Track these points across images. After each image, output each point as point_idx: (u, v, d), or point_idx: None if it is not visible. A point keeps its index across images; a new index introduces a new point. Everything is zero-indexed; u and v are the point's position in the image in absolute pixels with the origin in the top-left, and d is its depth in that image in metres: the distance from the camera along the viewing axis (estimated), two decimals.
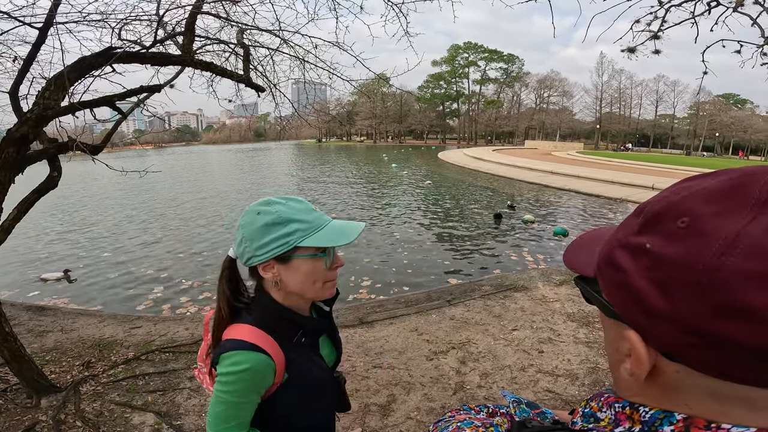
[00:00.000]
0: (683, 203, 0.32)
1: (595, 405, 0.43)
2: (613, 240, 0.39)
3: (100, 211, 13.35)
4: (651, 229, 0.34)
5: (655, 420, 0.36)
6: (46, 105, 2.20)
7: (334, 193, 16.12)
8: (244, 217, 0.92)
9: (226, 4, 2.52)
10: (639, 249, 0.34)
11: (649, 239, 0.34)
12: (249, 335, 0.89)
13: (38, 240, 9.44)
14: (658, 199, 0.35)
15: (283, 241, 0.88)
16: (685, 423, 0.34)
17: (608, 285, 0.38)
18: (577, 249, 0.48)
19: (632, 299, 0.34)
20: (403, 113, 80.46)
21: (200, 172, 28.22)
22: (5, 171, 2.27)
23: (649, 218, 0.35)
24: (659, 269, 0.32)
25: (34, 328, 4.13)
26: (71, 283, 6.61)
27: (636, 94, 69.90)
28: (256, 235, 0.89)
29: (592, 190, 15.42)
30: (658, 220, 0.34)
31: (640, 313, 0.33)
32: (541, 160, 26.66)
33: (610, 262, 0.37)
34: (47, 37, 2.30)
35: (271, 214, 0.89)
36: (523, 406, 0.59)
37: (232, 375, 0.86)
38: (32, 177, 2.75)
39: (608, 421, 0.40)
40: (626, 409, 0.39)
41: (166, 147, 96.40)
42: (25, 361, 2.72)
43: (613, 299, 0.37)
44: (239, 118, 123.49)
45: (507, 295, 4.75)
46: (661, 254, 0.32)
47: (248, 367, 0.86)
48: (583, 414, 0.44)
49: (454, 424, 0.56)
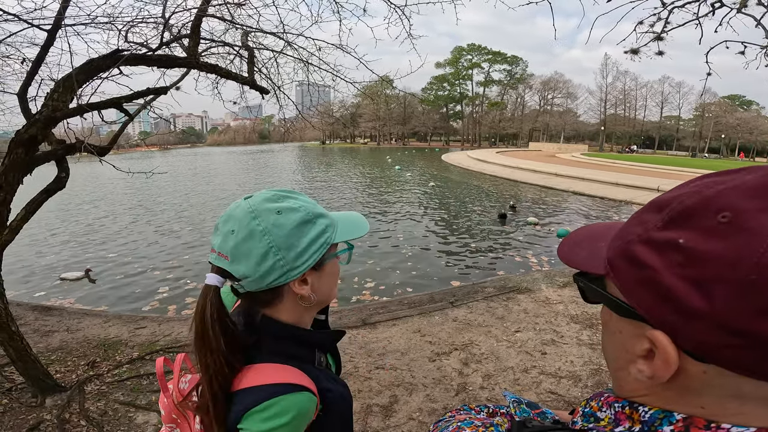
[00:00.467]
0: (721, 198, 0.31)
1: (595, 405, 0.43)
2: (629, 235, 0.37)
3: (107, 212, 13.45)
4: (682, 225, 0.32)
5: (654, 420, 0.36)
6: (54, 107, 2.23)
7: (339, 194, 16.18)
8: (257, 221, 0.67)
9: (231, 7, 2.55)
10: (668, 244, 0.32)
11: (681, 234, 0.32)
12: (278, 375, 0.67)
13: (45, 241, 9.54)
14: (687, 193, 0.34)
15: (322, 241, 0.72)
16: (685, 423, 0.34)
17: (627, 282, 0.36)
18: (573, 244, 0.47)
19: (661, 298, 0.32)
20: (406, 115, 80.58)
21: (206, 174, 28.37)
22: (14, 172, 2.30)
23: (679, 213, 0.33)
24: (695, 266, 0.30)
25: (40, 327, 4.17)
26: (93, 282, 6.69)
27: (641, 95, 69.64)
28: (292, 240, 0.68)
29: (596, 192, 15.37)
30: (690, 215, 0.32)
31: (671, 313, 0.32)
32: (545, 162, 26.59)
33: (630, 258, 0.36)
34: (55, 39, 2.34)
35: (297, 210, 0.70)
36: (523, 406, 0.58)
37: (284, 418, 0.64)
38: (40, 178, 2.79)
39: (608, 420, 0.40)
40: (626, 408, 0.39)
41: (171, 149, 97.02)
42: (30, 361, 2.74)
43: (633, 297, 0.35)
44: (244, 120, 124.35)
45: (510, 297, 4.75)
46: (698, 251, 0.30)
47: (296, 414, 0.65)
48: (583, 414, 0.44)
49: (455, 423, 0.56)
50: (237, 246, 0.66)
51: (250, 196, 0.71)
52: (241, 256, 0.66)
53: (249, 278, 0.67)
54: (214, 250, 0.69)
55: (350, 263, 1.00)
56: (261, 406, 0.64)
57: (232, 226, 0.67)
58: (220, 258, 0.67)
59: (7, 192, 2.33)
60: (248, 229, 0.66)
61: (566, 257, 0.46)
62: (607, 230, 0.45)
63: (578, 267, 0.44)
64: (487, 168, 24.88)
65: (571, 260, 0.45)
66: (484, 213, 12.09)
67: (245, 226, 0.66)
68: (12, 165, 2.29)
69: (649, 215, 0.36)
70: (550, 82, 73.54)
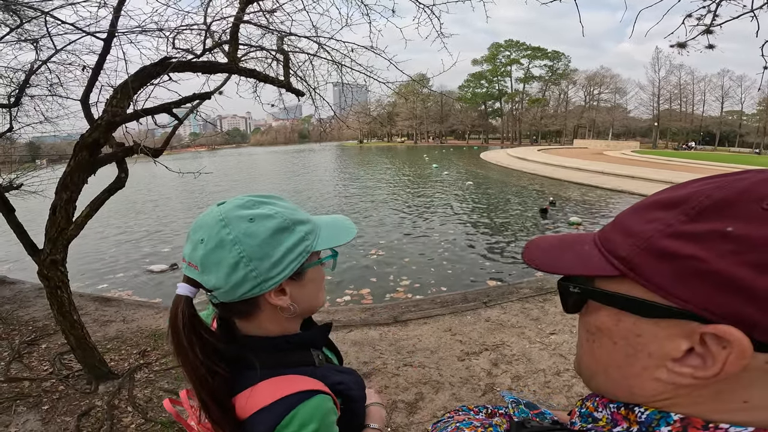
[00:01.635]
0: (757, 188, 0.32)
1: (591, 405, 0.43)
2: (643, 233, 0.36)
3: (164, 209, 14.44)
4: (718, 216, 0.32)
5: (651, 420, 0.36)
6: (114, 112, 2.44)
7: (374, 192, 16.34)
8: (228, 229, 0.63)
9: (266, 14, 2.67)
10: (712, 235, 0.32)
11: (724, 224, 0.32)
12: (287, 386, 0.64)
13: (105, 237, 10.38)
14: (710, 188, 0.34)
15: (300, 249, 0.67)
16: (683, 423, 0.34)
17: (660, 278, 0.34)
18: (544, 251, 0.45)
19: (726, 289, 0.31)
20: (444, 113, 79.71)
21: (251, 173, 29.52)
22: (79, 172, 2.55)
23: (709, 206, 0.33)
24: (756, 252, 0.30)
25: (99, 317, 4.52)
26: None
27: (698, 89, 64.50)
28: (266, 249, 0.64)
29: (648, 192, 14.46)
30: (727, 206, 0.32)
31: (745, 303, 0.30)
32: (591, 159, 25.42)
33: (660, 253, 0.34)
34: (111, 47, 2.55)
35: (272, 217, 0.66)
36: (522, 407, 0.57)
37: (313, 425, 0.62)
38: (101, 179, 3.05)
39: (606, 421, 0.40)
40: (621, 409, 0.39)
41: (218, 149, 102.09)
42: (89, 349, 2.95)
43: (680, 294, 0.33)
44: (284, 120, 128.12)
45: (547, 299, 4.61)
46: (753, 237, 0.30)
47: (322, 417, 0.64)
48: (580, 414, 0.44)
49: (453, 424, 0.57)
50: (206, 256, 0.62)
51: (223, 202, 0.67)
52: (210, 267, 0.63)
53: (220, 289, 0.63)
54: (184, 259, 0.65)
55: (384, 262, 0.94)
56: (285, 421, 0.61)
57: (202, 235, 0.63)
58: (190, 268, 0.64)
59: (72, 191, 2.57)
60: (218, 239, 0.62)
61: (546, 264, 0.43)
62: (579, 236, 0.44)
63: (570, 272, 0.41)
64: (527, 166, 24.12)
65: (557, 266, 0.42)
66: (524, 213, 11.77)
67: (215, 235, 0.63)
68: (77, 166, 2.53)
69: (659, 213, 0.36)
70: (595, 77, 69.86)
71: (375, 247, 8.12)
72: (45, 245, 2.62)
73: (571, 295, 0.43)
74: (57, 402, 2.89)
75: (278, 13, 2.66)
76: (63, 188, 2.54)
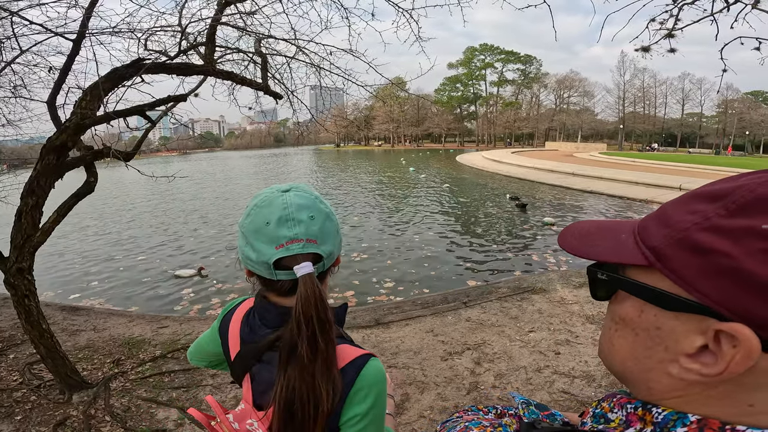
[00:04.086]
0: None
1: (607, 405, 0.43)
2: (681, 223, 0.35)
3: (133, 215, 13.91)
4: (758, 212, 0.31)
5: (668, 421, 0.35)
6: (83, 114, 2.35)
7: (354, 196, 16.29)
8: (323, 204, 0.75)
9: (244, 16, 2.64)
10: (747, 231, 0.31)
11: (761, 221, 0.31)
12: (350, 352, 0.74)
13: (80, 240, 9.91)
14: (755, 183, 0.33)
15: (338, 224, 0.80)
16: (699, 424, 0.34)
17: (687, 272, 0.34)
18: (582, 236, 0.45)
19: (748, 288, 0.30)
20: (420, 117, 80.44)
21: (228, 176, 28.91)
22: (46, 177, 2.43)
23: (752, 201, 0.32)
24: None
25: (68, 327, 4.35)
26: (203, 278, 6.96)
27: (660, 92, 67.78)
28: (336, 227, 0.76)
29: (615, 192, 15.05)
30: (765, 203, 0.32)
31: (763, 303, 0.30)
32: (562, 161, 26.17)
33: (692, 246, 0.34)
34: (80, 49, 2.46)
35: (323, 201, 0.77)
36: (532, 408, 0.56)
37: (381, 385, 0.72)
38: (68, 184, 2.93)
39: (618, 422, 0.40)
40: (638, 410, 0.39)
41: (190, 153, 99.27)
42: (59, 358, 2.84)
43: (699, 288, 0.33)
44: (259, 124, 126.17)
45: (524, 297, 4.72)
46: None
47: (383, 374, 0.74)
48: (593, 414, 0.44)
49: (462, 423, 0.57)
50: (321, 228, 0.72)
51: (288, 189, 0.74)
52: (326, 236, 0.72)
53: (332, 255, 0.74)
54: (296, 240, 0.69)
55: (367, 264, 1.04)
56: (363, 374, 0.70)
57: (309, 213, 0.71)
58: (309, 244, 0.70)
59: (39, 196, 2.46)
60: (324, 213, 0.73)
61: (580, 249, 0.43)
62: (619, 223, 0.44)
63: (602, 258, 0.41)
64: (502, 168, 24.65)
65: (590, 252, 0.42)
66: (500, 214, 12.01)
67: (320, 210, 0.73)
68: (44, 170, 2.42)
69: (701, 205, 0.35)
70: (565, 81, 72.36)
71: (356, 251, 8.13)
72: (11, 253, 2.51)
73: (599, 282, 0.42)
74: (30, 412, 2.78)
75: (257, 15, 2.63)
76: (29, 193, 2.42)
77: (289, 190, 0.73)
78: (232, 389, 3.04)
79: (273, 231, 0.69)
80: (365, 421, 0.70)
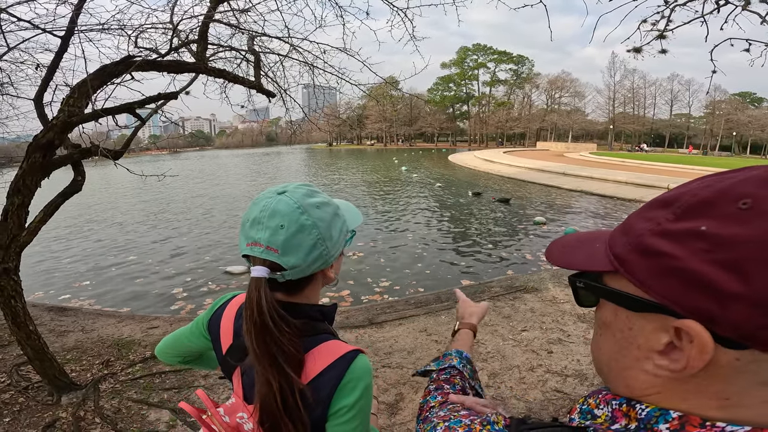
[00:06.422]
0: (737, 187, 0.33)
1: (593, 402, 0.44)
2: (637, 231, 0.38)
3: (124, 214, 13.72)
4: (699, 214, 0.34)
5: (651, 417, 0.37)
6: (70, 112, 2.30)
7: (346, 196, 16.24)
8: (305, 216, 0.71)
9: (237, 13, 2.61)
10: (689, 233, 0.33)
11: (701, 223, 0.33)
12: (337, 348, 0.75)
13: (67, 244, 9.75)
14: (698, 187, 0.35)
15: (345, 229, 0.80)
16: (681, 420, 0.35)
17: (643, 275, 0.36)
18: (564, 248, 0.48)
19: (691, 285, 0.33)
20: (413, 116, 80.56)
21: (222, 176, 28.67)
22: (32, 175, 2.38)
23: (694, 204, 0.34)
24: (723, 250, 0.31)
25: (56, 328, 4.26)
26: None
27: (650, 93, 68.78)
28: (331, 230, 0.75)
29: (605, 192, 15.23)
30: (707, 205, 0.33)
31: (707, 300, 0.32)
32: (553, 161, 26.40)
33: (644, 250, 0.36)
34: (69, 46, 2.41)
35: (329, 204, 0.78)
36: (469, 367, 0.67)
37: (368, 378, 0.74)
38: (56, 182, 2.87)
39: (605, 418, 0.41)
40: (623, 406, 0.40)
41: (180, 152, 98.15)
42: (47, 360, 2.79)
43: (654, 289, 0.35)
44: (251, 122, 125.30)
45: (517, 297, 4.75)
46: (724, 236, 0.31)
47: (370, 371, 0.76)
48: (580, 410, 0.45)
49: (441, 425, 0.57)
50: (288, 240, 0.70)
51: (283, 191, 0.74)
52: (292, 249, 0.70)
53: (297, 268, 0.71)
54: (258, 243, 0.70)
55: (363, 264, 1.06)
56: (351, 369, 0.72)
57: (281, 221, 0.70)
58: (268, 251, 0.70)
59: (25, 195, 2.40)
60: (298, 224, 0.70)
61: (561, 260, 0.46)
62: (596, 234, 0.46)
63: (579, 268, 0.44)
64: (494, 168, 24.80)
65: (569, 262, 0.45)
66: (492, 214, 12.08)
67: (295, 221, 0.70)
68: (30, 169, 2.37)
69: (656, 212, 0.38)
70: (557, 81, 73.03)
71: (352, 249, 8.10)
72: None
73: (578, 290, 0.45)
74: (18, 414, 2.73)
75: (250, 12, 2.60)
76: (15, 192, 2.37)
77: (283, 192, 0.74)
78: (225, 390, 3.01)
79: (247, 229, 0.73)
80: (352, 412, 0.72)
